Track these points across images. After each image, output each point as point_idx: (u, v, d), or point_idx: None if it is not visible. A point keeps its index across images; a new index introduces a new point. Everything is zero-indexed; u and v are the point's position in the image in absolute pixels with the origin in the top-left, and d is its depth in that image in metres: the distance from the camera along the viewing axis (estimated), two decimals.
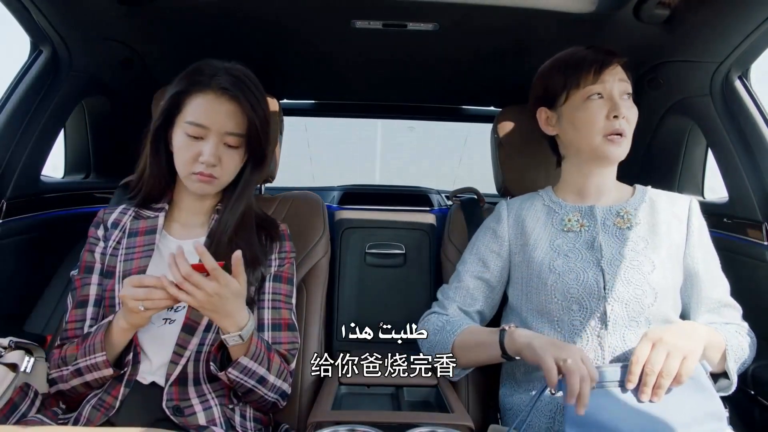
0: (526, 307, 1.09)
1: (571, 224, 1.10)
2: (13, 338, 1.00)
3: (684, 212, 1.10)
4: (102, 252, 1.09)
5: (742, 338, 1.02)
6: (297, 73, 1.66)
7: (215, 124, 1.02)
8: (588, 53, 1.08)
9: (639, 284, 1.01)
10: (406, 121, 2.30)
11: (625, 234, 1.07)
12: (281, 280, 1.13)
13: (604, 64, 1.05)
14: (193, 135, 1.02)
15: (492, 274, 1.15)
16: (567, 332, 1.03)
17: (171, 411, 0.97)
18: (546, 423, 1.00)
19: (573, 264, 1.05)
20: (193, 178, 1.04)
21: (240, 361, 0.95)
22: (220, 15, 1.30)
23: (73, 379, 0.99)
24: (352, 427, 0.82)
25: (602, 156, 1.07)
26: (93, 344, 0.96)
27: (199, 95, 1.03)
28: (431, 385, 1.07)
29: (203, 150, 1.02)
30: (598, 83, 1.05)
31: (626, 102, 1.07)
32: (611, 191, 1.14)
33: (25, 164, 1.30)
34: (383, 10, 1.23)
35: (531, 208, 1.17)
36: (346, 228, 1.71)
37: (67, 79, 1.34)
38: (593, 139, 1.06)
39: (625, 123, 1.05)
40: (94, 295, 1.06)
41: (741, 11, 1.12)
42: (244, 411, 1.06)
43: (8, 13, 1.20)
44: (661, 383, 0.86)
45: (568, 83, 1.08)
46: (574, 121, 1.08)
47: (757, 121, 1.27)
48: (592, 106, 1.06)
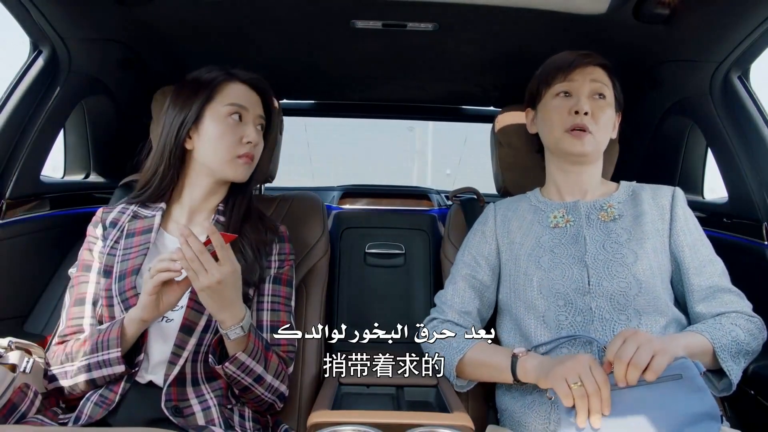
0: (515, 304, 1.10)
1: (557, 220, 1.12)
2: (12, 339, 1.00)
3: (667, 201, 1.11)
4: (100, 251, 1.09)
5: (738, 330, 0.98)
6: (297, 73, 1.66)
7: (252, 107, 1.09)
8: (566, 55, 1.13)
9: (623, 277, 1.02)
10: (406, 121, 2.30)
11: (608, 227, 1.09)
12: (281, 282, 1.13)
13: (574, 64, 1.10)
14: (237, 116, 1.07)
15: (484, 273, 1.16)
16: (554, 328, 1.03)
17: (170, 411, 0.97)
18: (542, 424, 1.00)
19: (558, 260, 1.06)
20: (239, 162, 1.08)
21: (238, 357, 0.95)
22: (220, 15, 1.30)
23: (79, 375, 0.97)
24: (351, 428, 0.82)
25: (564, 151, 1.11)
26: (107, 340, 0.95)
27: (231, 83, 1.09)
28: (431, 385, 1.07)
29: (246, 132, 1.07)
30: (566, 81, 1.10)
31: (596, 101, 1.10)
32: (595, 189, 1.16)
33: (25, 164, 1.30)
34: (383, 10, 1.23)
35: (518, 209, 1.20)
36: (346, 228, 1.71)
37: (67, 79, 1.34)
38: (555, 134, 1.11)
39: (588, 119, 1.07)
40: (92, 293, 1.06)
41: (741, 11, 1.13)
42: (242, 411, 1.06)
43: (8, 13, 1.20)
44: (630, 373, 0.86)
45: (542, 82, 1.14)
46: (544, 117, 1.14)
47: (756, 121, 1.27)
48: (558, 102, 1.11)
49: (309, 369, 1.23)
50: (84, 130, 1.59)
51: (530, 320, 1.06)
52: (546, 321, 1.04)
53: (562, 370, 0.89)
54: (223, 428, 0.98)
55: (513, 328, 1.11)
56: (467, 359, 1.05)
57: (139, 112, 1.54)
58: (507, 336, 1.13)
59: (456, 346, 1.06)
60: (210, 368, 1.03)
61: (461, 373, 1.07)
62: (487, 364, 1.04)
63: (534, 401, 1.03)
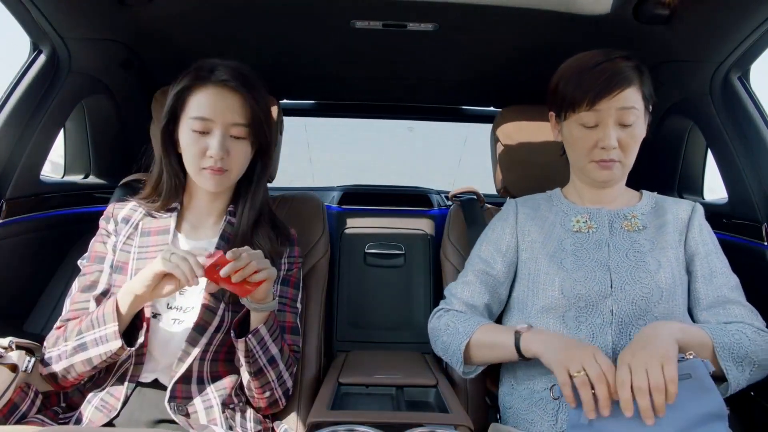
0: (531, 302, 1.10)
1: (579, 225, 1.12)
2: (13, 338, 0.99)
3: (687, 213, 1.12)
4: (113, 245, 1.09)
5: (744, 336, 0.96)
6: (297, 73, 1.65)
7: (219, 116, 1.03)
8: (588, 78, 1.03)
9: (646, 283, 1.02)
10: (406, 121, 2.29)
11: (632, 237, 1.08)
12: (288, 284, 1.14)
13: (599, 95, 1.01)
14: (199, 130, 1.03)
15: (499, 270, 1.15)
16: (573, 329, 1.03)
17: (173, 409, 0.97)
18: (548, 422, 1.00)
19: (582, 263, 1.06)
20: (205, 174, 1.04)
21: (259, 330, 0.97)
22: (220, 15, 1.30)
23: (75, 355, 0.96)
24: (351, 427, 0.82)
25: (590, 177, 1.10)
26: (102, 315, 0.94)
27: (200, 90, 1.04)
28: (431, 385, 1.07)
29: (210, 144, 1.03)
30: (592, 111, 1.02)
31: (625, 130, 1.03)
32: (618, 197, 1.15)
33: (25, 164, 1.30)
34: (383, 10, 1.23)
35: (540, 208, 1.18)
36: (346, 228, 1.71)
37: (67, 79, 1.34)
38: (582, 162, 1.08)
39: (617, 153, 1.04)
40: (104, 283, 1.06)
41: (741, 11, 1.13)
42: (245, 411, 1.06)
43: (8, 13, 1.20)
44: (657, 400, 0.83)
45: (566, 104, 1.06)
46: (568, 140, 1.10)
47: (756, 122, 1.27)
48: (583, 133, 1.05)
49: (309, 369, 1.23)
50: (84, 130, 1.60)
51: (548, 319, 1.05)
52: (565, 321, 1.04)
53: (565, 358, 0.88)
54: (224, 428, 0.99)
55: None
56: (473, 342, 1.04)
57: (139, 112, 1.54)
58: None
59: (462, 331, 1.06)
60: (216, 368, 1.04)
61: (468, 359, 1.06)
62: (491, 345, 1.03)
63: (541, 399, 1.03)
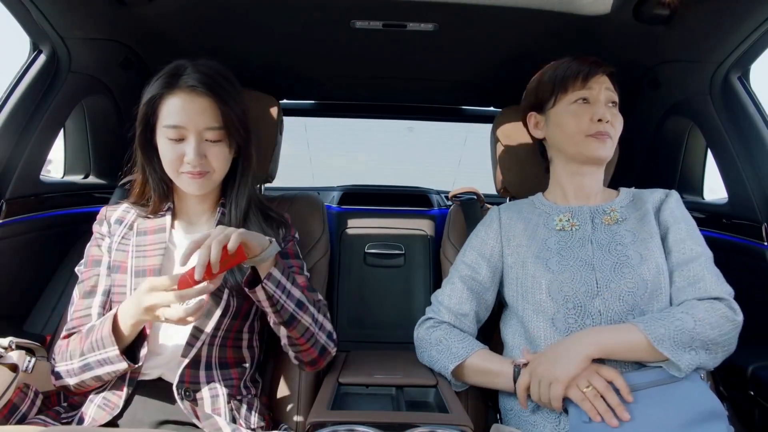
0: (522, 306, 1.10)
1: (562, 224, 1.13)
2: (13, 338, 0.99)
3: (661, 197, 1.14)
4: (108, 247, 1.09)
5: (688, 319, 0.94)
6: (297, 73, 1.65)
7: (191, 122, 1.02)
8: (576, 63, 1.14)
9: (630, 278, 1.03)
10: (406, 121, 2.29)
11: (612, 230, 1.10)
12: (289, 256, 1.14)
13: (590, 73, 1.12)
14: (173, 138, 1.02)
15: (484, 276, 1.16)
16: (563, 330, 1.03)
17: (180, 394, 0.97)
18: (551, 423, 1.00)
19: (566, 262, 1.07)
20: (184, 178, 1.04)
21: (272, 273, 0.93)
22: (220, 15, 1.30)
23: (83, 374, 0.97)
24: (351, 427, 0.82)
25: (587, 154, 1.12)
26: (101, 338, 0.94)
27: (170, 97, 1.03)
28: (430, 385, 1.07)
29: (186, 150, 1.02)
30: (585, 89, 1.12)
31: (611, 109, 1.13)
32: (598, 194, 1.18)
33: (24, 164, 1.30)
34: (383, 10, 1.23)
35: (522, 211, 1.21)
36: (346, 228, 1.71)
37: (67, 79, 1.34)
38: (577, 139, 1.12)
39: (609, 127, 1.11)
40: (103, 285, 1.06)
41: (741, 11, 1.13)
42: (251, 403, 1.06)
43: (8, 13, 1.20)
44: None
45: (556, 88, 1.15)
46: (561, 122, 1.14)
47: (756, 122, 1.27)
48: (578, 109, 1.12)
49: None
50: (84, 130, 1.60)
51: (539, 322, 1.06)
52: (555, 323, 1.05)
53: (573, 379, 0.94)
54: (228, 419, 0.99)
55: (519, 330, 1.12)
56: (467, 364, 1.07)
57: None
58: (512, 337, 1.13)
59: (455, 352, 1.08)
60: (224, 354, 1.05)
61: (458, 376, 1.09)
62: (487, 372, 1.06)
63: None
